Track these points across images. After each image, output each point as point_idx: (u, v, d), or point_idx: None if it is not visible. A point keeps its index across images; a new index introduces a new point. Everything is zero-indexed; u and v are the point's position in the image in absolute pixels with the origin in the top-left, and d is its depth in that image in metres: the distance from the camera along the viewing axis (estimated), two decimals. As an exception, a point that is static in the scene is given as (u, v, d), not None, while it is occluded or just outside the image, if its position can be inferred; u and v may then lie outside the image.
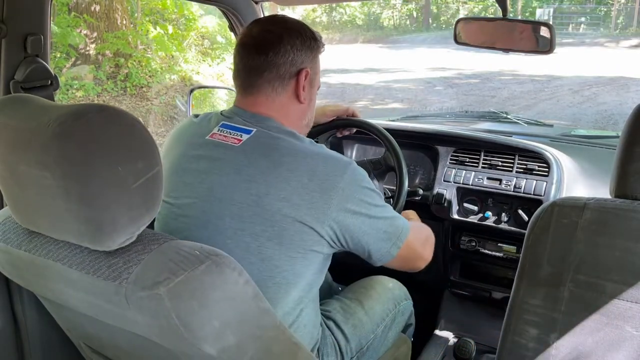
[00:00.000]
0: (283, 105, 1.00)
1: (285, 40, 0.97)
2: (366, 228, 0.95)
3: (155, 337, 0.70)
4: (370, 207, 0.95)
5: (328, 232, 0.91)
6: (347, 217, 0.92)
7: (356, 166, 0.96)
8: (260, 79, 0.97)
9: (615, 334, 0.81)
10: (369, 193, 0.96)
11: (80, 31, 6.76)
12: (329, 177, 0.91)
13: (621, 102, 7.81)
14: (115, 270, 0.67)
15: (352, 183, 0.93)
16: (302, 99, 1.01)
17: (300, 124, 1.05)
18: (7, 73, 1.04)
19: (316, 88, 1.06)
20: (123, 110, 0.67)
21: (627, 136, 0.84)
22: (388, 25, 20.95)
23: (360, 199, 0.93)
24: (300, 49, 0.98)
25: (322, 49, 1.05)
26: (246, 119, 0.97)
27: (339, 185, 0.91)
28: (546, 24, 1.35)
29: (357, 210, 0.93)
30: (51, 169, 0.63)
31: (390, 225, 0.99)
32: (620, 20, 18.47)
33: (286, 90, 0.99)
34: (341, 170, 0.92)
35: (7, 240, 0.80)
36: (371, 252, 0.99)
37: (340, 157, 0.96)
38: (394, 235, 1.00)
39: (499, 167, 1.56)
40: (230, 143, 0.94)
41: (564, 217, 0.86)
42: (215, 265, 0.66)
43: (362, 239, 0.95)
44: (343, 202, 0.91)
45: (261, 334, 0.72)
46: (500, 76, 10.50)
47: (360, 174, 0.96)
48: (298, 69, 0.98)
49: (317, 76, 1.05)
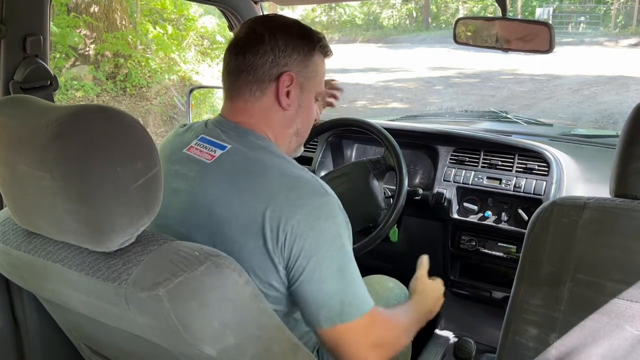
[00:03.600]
0: (264, 112, 0.91)
1: (267, 41, 0.89)
2: (310, 276, 0.80)
3: (155, 338, 0.70)
4: (326, 258, 0.80)
5: (279, 265, 0.81)
6: (294, 258, 0.80)
7: (329, 201, 0.83)
8: (238, 81, 0.90)
9: (616, 333, 0.81)
10: (333, 239, 0.81)
11: (79, 31, 6.76)
12: (287, 206, 0.80)
13: (621, 101, 7.81)
14: (115, 271, 0.67)
15: (314, 219, 0.80)
16: (285, 105, 0.91)
17: (285, 132, 0.94)
18: (6, 73, 1.04)
19: (312, 94, 0.96)
20: (122, 111, 0.67)
21: (626, 135, 0.84)
22: (387, 25, 20.94)
23: (318, 242, 0.80)
24: (284, 50, 0.89)
25: (321, 51, 0.94)
26: (226, 130, 0.90)
27: (295, 217, 0.79)
28: (546, 24, 1.35)
29: (308, 252, 0.79)
30: (50, 170, 0.63)
31: (340, 289, 0.82)
32: (620, 19, 18.47)
33: (266, 94, 0.90)
34: (303, 200, 0.81)
35: (6, 241, 0.80)
36: (307, 308, 0.83)
37: (313, 185, 0.83)
38: (339, 305, 0.81)
39: (499, 167, 1.56)
40: (204, 159, 0.87)
41: (564, 216, 0.86)
42: (214, 265, 0.66)
43: (303, 287, 0.81)
44: (296, 238, 0.79)
45: (261, 334, 0.72)
46: (500, 76, 10.50)
47: (329, 211, 0.82)
48: (279, 72, 0.89)
49: (311, 81, 0.94)
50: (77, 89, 6.50)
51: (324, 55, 0.96)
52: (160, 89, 7.13)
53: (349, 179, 1.47)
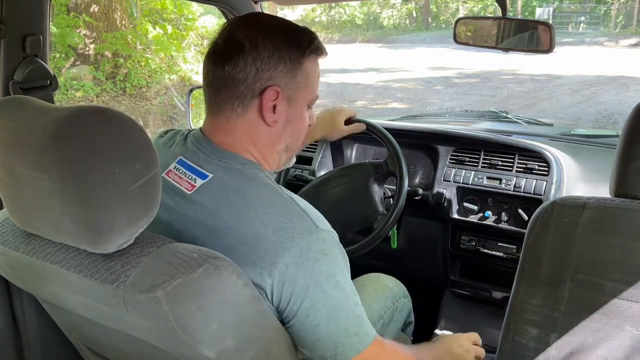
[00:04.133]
0: (249, 129, 0.83)
1: (248, 50, 0.79)
2: (303, 320, 0.76)
3: (154, 340, 0.70)
4: (319, 301, 0.75)
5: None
6: (285, 302, 0.75)
7: (319, 237, 0.76)
8: (219, 95, 0.82)
9: (616, 333, 0.81)
10: (326, 279, 0.76)
11: (79, 31, 6.76)
12: (274, 248, 0.73)
13: (621, 101, 7.81)
14: (113, 273, 0.67)
15: (303, 261, 0.74)
16: (271, 122, 0.83)
17: (273, 150, 0.87)
18: (6, 73, 1.04)
19: (303, 105, 0.87)
20: (120, 112, 0.67)
21: (626, 135, 0.84)
22: (387, 25, 20.94)
23: (310, 284, 0.74)
24: (268, 62, 0.79)
25: (314, 54, 0.86)
26: (209, 153, 0.83)
27: (283, 262, 0.73)
28: (546, 24, 1.35)
29: (299, 296, 0.74)
30: (48, 171, 0.63)
31: (334, 331, 0.77)
32: (620, 19, 18.47)
33: (249, 111, 0.82)
34: (292, 241, 0.74)
35: (5, 242, 0.80)
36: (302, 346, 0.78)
37: (302, 220, 0.76)
38: (334, 347, 0.77)
39: (499, 167, 1.56)
40: (184, 189, 0.81)
41: (564, 216, 0.86)
42: (213, 267, 0.66)
43: (296, 328, 0.77)
44: (285, 283, 0.74)
45: (260, 336, 0.72)
46: (500, 76, 10.50)
47: (320, 250, 0.75)
48: (263, 87, 0.80)
49: (300, 92, 0.85)
50: (76, 89, 6.51)
51: (317, 56, 0.87)
52: (160, 89, 7.14)
53: (349, 180, 1.46)
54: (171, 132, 0.94)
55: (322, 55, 0.88)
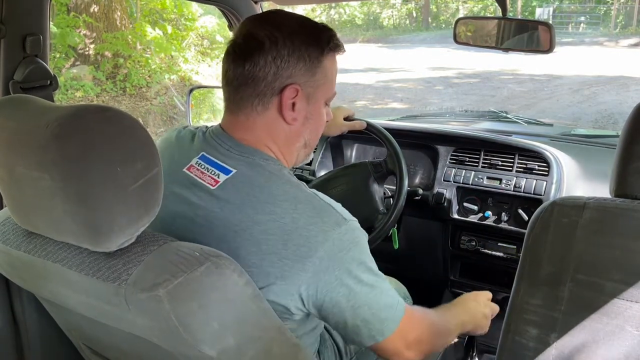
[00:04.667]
0: (269, 127, 0.84)
1: (268, 49, 0.80)
2: (345, 306, 0.79)
3: (155, 338, 0.70)
4: (356, 285, 0.79)
5: (296, 305, 0.78)
6: (322, 293, 0.77)
7: (349, 228, 0.79)
8: (239, 93, 0.83)
9: (616, 333, 0.81)
10: (358, 266, 0.79)
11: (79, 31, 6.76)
12: (307, 242, 0.75)
13: (621, 101, 7.81)
14: (115, 271, 0.67)
15: (336, 252, 0.76)
16: (290, 120, 0.84)
17: (292, 147, 0.88)
18: (6, 73, 1.04)
19: (321, 102, 0.88)
20: (121, 111, 0.67)
21: (627, 135, 0.84)
22: (387, 25, 20.95)
23: (345, 272, 0.77)
24: (288, 60, 0.80)
25: (332, 51, 0.86)
26: (229, 148, 0.84)
27: (317, 255, 0.75)
28: (546, 24, 1.35)
29: (337, 285, 0.77)
30: (49, 171, 0.63)
31: (376, 309, 0.81)
32: (620, 19, 18.47)
33: (268, 109, 0.83)
34: (324, 234, 0.76)
35: (6, 241, 0.80)
36: (347, 332, 0.83)
37: (330, 214, 0.79)
38: (379, 324, 0.82)
39: (499, 167, 1.56)
40: (207, 184, 0.81)
41: (564, 216, 0.86)
42: (215, 266, 0.66)
43: (338, 317, 0.80)
44: (320, 274, 0.76)
45: (261, 335, 0.72)
46: (500, 76, 10.50)
47: (351, 239, 0.79)
48: (283, 85, 0.81)
49: (319, 90, 0.86)
50: (77, 89, 6.51)
51: (335, 53, 0.88)
52: (160, 89, 7.14)
53: (349, 179, 1.46)
54: (189, 127, 0.94)
55: (341, 52, 0.89)
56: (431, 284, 1.80)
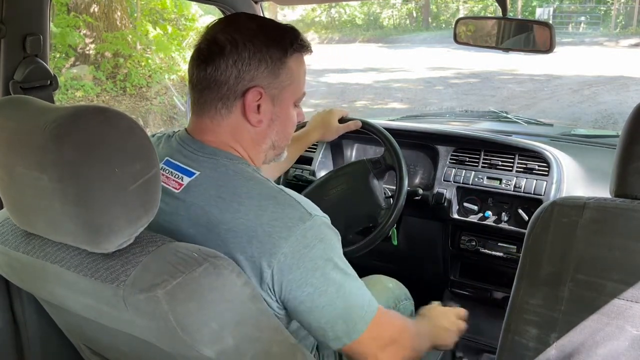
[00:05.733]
0: (233, 129, 0.84)
1: (228, 53, 0.80)
2: (309, 305, 0.77)
3: (154, 339, 0.70)
4: (322, 283, 0.76)
5: (277, 305, 0.78)
6: (287, 292, 0.76)
7: (314, 224, 0.77)
8: (202, 98, 0.83)
9: (616, 334, 0.80)
10: (325, 263, 0.76)
11: (79, 31, 6.77)
12: (270, 238, 0.74)
13: (621, 102, 7.80)
14: (113, 272, 0.67)
15: (301, 248, 0.75)
16: (255, 122, 0.84)
17: (259, 148, 0.88)
18: (6, 73, 1.04)
19: (288, 103, 0.88)
20: (120, 112, 0.67)
21: (627, 135, 0.84)
22: (388, 25, 20.94)
23: (310, 270, 0.75)
24: (249, 63, 0.80)
25: (298, 52, 0.86)
26: (195, 151, 0.84)
27: (281, 252, 0.74)
28: (546, 24, 1.35)
29: (301, 283, 0.75)
30: (48, 171, 0.63)
31: (343, 309, 0.78)
32: (620, 19, 18.46)
33: (232, 112, 0.83)
34: (288, 230, 0.75)
35: (5, 242, 0.80)
36: (316, 334, 0.81)
37: (294, 209, 0.77)
38: (344, 325, 0.79)
39: (499, 167, 1.56)
40: (171, 188, 0.81)
41: (564, 216, 0.86)
42: (213, 267, 0.66)
43: (303, 317, 0.78)
44: (285, 272, 0.74)
45: (260, 336, 0.72)
46: (500, 76, 10.50)
47: (315, 236, 0.76)
48: (245, 88, 0.81)
49: (285, 91, 0.86)
50: (77, 89, 6.51)
51: (301, 53, 0.87)
52: (160, 89, 7.14)
53: (349, 178, 1.47)
54: (157, 134, 0.94)
55: (307, 52, 0.89)
56: (431, 284, 1.80)
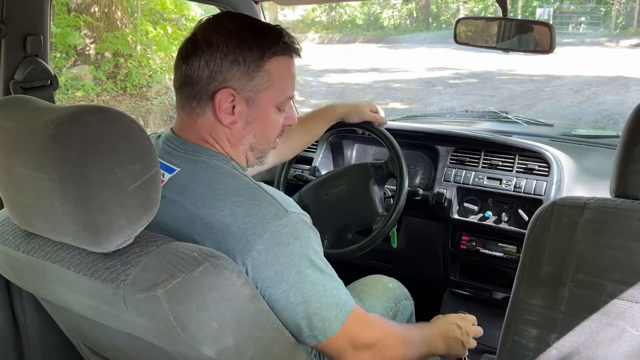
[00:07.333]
0: (209, 128, 0.85)
1: (202, 52, 0.80)
2: (285, 303, 0.76)
3: (154, 339, 0.70)
4: (298, 281, 0.75)
5: None
6: (263, 289, 0.75)
7: (289, 220, 0.76)
8: (180, 95, 0.85)
9: (616, 334, 0.81)
10: (300, 261, 0.76)
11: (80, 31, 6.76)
12: (245, 235, 0.74)
13: (621, 102, 7.80)
14: (113, 272, 0.67)
15: (275, 245, 0.74)
16: (227, 123, 0.84)
17: (238, 150, 0.88)
18: (6, 73, 1.04)
19: (267, 107, 0.86)
20: (120, 112, 0.67)
21: (627, 136, 0.84)
22: (388, 25, 20.93)
23: (285, 267, 0.75)
24: (220, 64, 0.80)
25: (280, 54, 0.84)
26: (177, 148, 0.85)
27: (255, 249, 0.74)
28: (546, 24, 1.35)
29: (275, 281, 0.74)
30: (48, 171, 0.63)
31: (317, 307, 0.78)
32: (620, 20, 18.46)
33: (205, 111, 0.83)
34: (262, 227, 0.74)
35: (5, 241, 0.80)
36: (292, 331, 0.79)
37: (270, 205, 0.77)
38: (320, 323, 0.78)
39: (499, 167, 1.56)
40: None
41: (564, 216, 0.86)
42: (213, 266, 0.66)
43: (279, 314, 0.77)
44: (260, 269, 0.74)
45: (260, 335, 0.72)
46: (500, 76, 10.49)
47: (291, 233, 0.76)
48: (217, 89, 0.81)
49: (262, 94, 0.84)
50: (77, 89, 6.51)
51: (288, 56, 0.86)
52: (161, 89, 7.14)
53: (350, 180, 1.46)
54: (151, 135, 0.95)
55: (291, 55, 0.87)
56: (431, 284, 1.79)
